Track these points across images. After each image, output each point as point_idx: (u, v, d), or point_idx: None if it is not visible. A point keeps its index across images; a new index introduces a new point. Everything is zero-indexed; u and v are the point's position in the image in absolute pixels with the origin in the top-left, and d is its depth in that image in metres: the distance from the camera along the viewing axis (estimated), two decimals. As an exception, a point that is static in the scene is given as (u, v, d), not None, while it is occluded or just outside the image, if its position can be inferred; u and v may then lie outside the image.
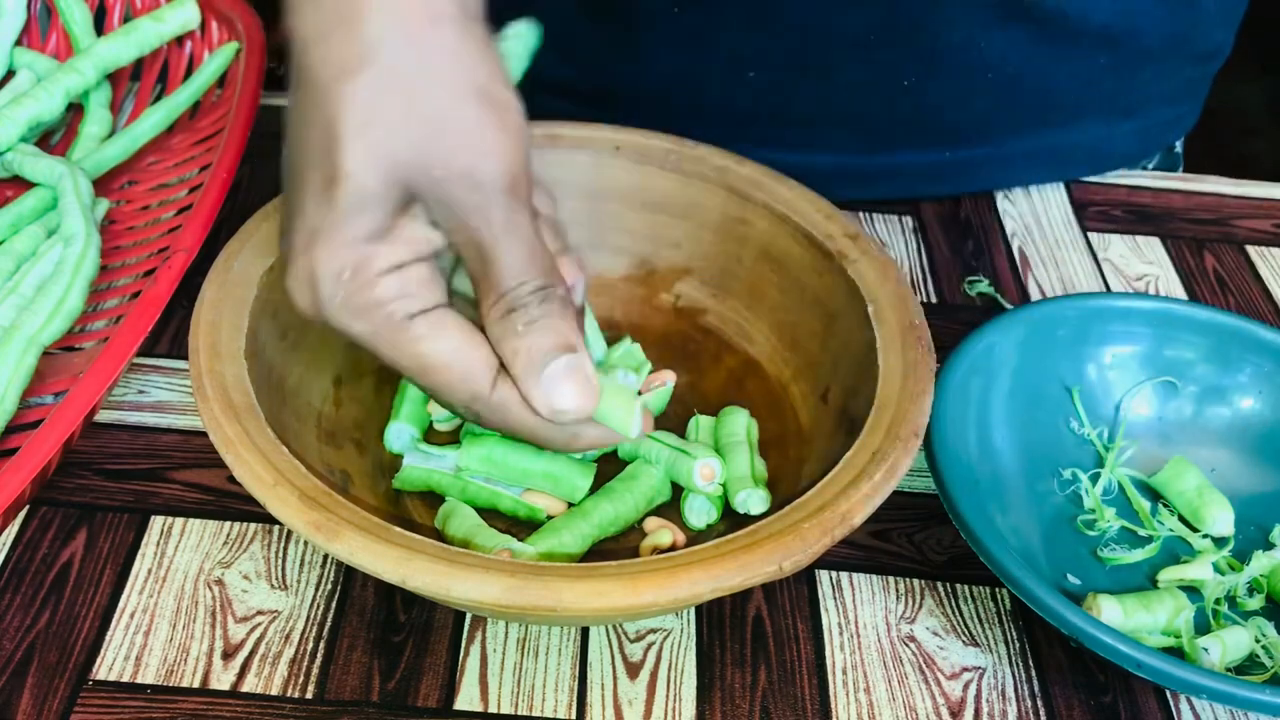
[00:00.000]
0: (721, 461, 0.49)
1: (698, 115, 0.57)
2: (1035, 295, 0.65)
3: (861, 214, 0.69)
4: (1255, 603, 0.49)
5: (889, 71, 0.65)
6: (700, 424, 0.52)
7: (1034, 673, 0.47)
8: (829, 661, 0.47)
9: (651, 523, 0.49)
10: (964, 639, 0.48)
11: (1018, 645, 0.48)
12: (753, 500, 0.48)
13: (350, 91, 0.39)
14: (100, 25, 0.70)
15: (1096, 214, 0.71)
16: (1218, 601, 0.49)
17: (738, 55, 0.65)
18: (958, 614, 0.49)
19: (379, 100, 0.39)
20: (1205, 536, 0.51)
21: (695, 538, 0.49)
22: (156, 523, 0.50)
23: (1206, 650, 0.46)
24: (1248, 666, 0.47)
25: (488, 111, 0.39)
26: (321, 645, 0.46)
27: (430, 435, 0.52)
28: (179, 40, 0.68)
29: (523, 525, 0.49)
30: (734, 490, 0.49)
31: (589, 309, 0.54)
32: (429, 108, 0.39)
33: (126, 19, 0.69)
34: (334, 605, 0.47)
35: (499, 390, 0.41)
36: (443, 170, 0.39)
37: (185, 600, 0.47)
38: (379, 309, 0.40)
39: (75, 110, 0.67)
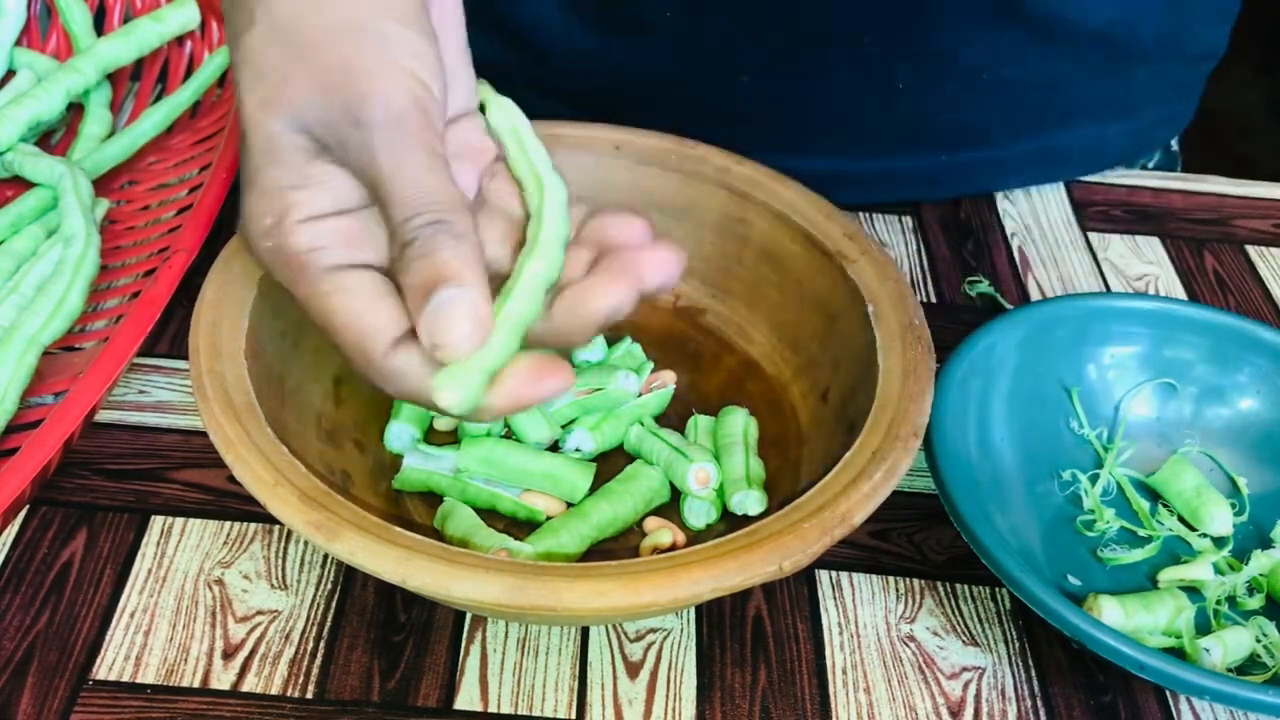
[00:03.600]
0: (717, 466, 0.49)
1: (691, 120, 0.57)
2: (1035, 295, 0.65)
3: (861, 214, 0.69)
4: (1255, 602, 0.49)
5: (883, 75, 0.65)
6: (699, 424, 0.52)
7: (1034, 673, 0.47)
8: (829, 661, 0.47)
9: (651, 523, 0.49)
10: (964, 639, 0.48)
11: (1017, 645, 0.48)
12: (749, 502, 0.48)
13: (243, 48, 0.40)
14: (100, 25, 0.70)
15: (1096, 214, 0.71)
16: (1218, 602, 0.49)
17: (730, 60, 0.65)
18: (957, 614, 0.49)
19: (265, 51, 0.39)
20: (1204, 536, 0.51)
21: (695, 538, 0.49)
22: (156, 523, 0.50)
23: (1208, 651, 0.46)
24: (1248, 666, 0.47)
25: (367, 47, 0.39)
26: (321, 645, 0.46)
27: (430, 435, 0.52)
28: (179, 40, 0.68)
29: (522, 526, 0.49)
30: (730, 492, 0.49)
31: None
32: (311, 53, 0.39)
33: (127, 19, 0.70)
34: (334, 605, 0.47)
35: (395, 357, 0.38)
36: (329, 111, 0.39)
37: (185, 600, 0.47)
38: (295, 258, 0.39)
39: (75, 110, 0.67)
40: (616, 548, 0.48)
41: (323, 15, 0.39)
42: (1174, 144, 0.79)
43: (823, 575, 0.50)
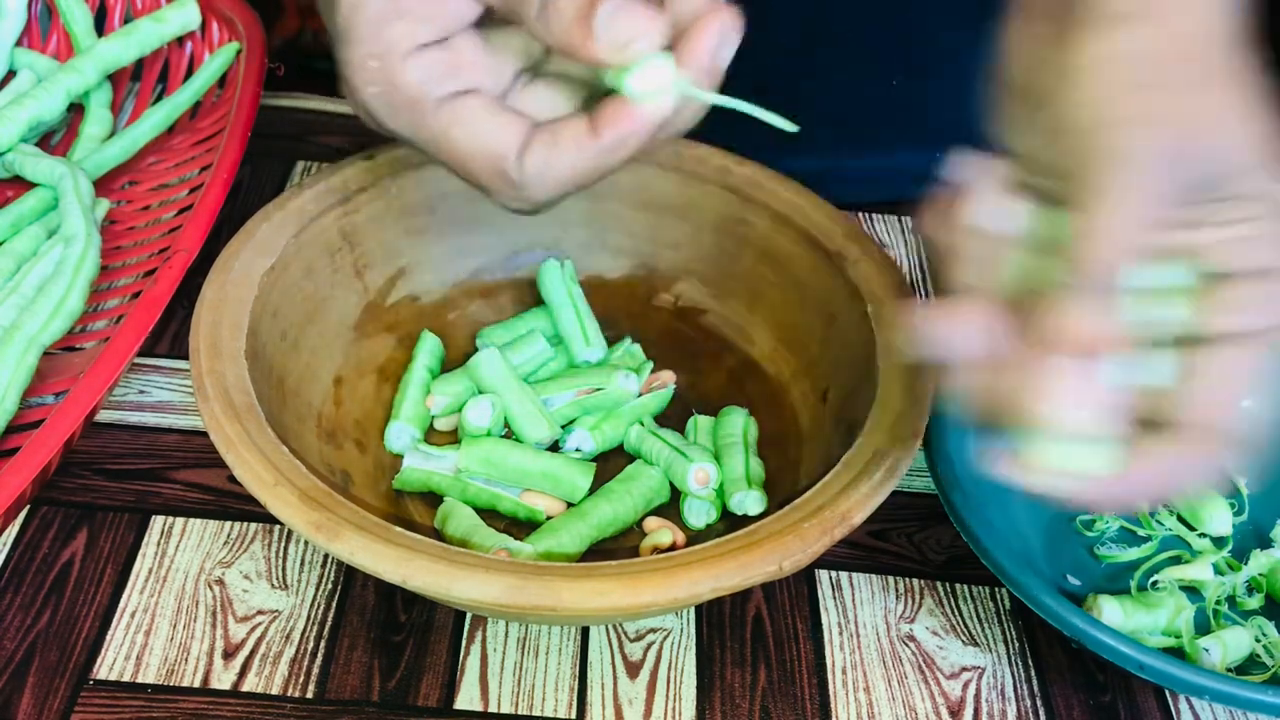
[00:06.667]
0: (717, 466, 0.49)
1: None
2: (1035, 295, 0.65)
3: (861, 214, 0.69)
4: (1255, 602, 0.49)
5: (878, 72, 0.65)
6: (699, 424, 0.52)
7: (1033, 672, 0.47)
8: (829, 661, 0.47)
9: (651, 522, 0.49)
10: (963, 639, 0.48)
11: (1017, 645, 0.48)
12: (749, 502, 0.48)
13: None
14: (101, 26, 0.70)
15: (1096, 214, 0.71)
16: (1218, 602, 0.49)
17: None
18: (957, 614, 0.49)
19: None
20: (1204, 536, 0.51)
21: (695, 537, 0.49)
22: (157, 523, 0.50)
23: (1207, 651, 0.46)
24: (1247, 666, 0.47)
25: None
26: (322, 645, 0.46)
27: (430, 435, 0.52)
28: (179, 40, 0.68)
29: (522, 526, 0.49)
30: (730, 492, 0.49)
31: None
32: None
33: (127, 19, 0.69)
34: (334, 605, 0.47)
35: (530, 157, 0.39)
36: None
37: (186, 600, 0.47)
38: (408, 96, 0.39)
39: (76, 110, 0.67)
40: (616, 548, 0.48)
41: None
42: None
43: (822, 575, 0.50)
